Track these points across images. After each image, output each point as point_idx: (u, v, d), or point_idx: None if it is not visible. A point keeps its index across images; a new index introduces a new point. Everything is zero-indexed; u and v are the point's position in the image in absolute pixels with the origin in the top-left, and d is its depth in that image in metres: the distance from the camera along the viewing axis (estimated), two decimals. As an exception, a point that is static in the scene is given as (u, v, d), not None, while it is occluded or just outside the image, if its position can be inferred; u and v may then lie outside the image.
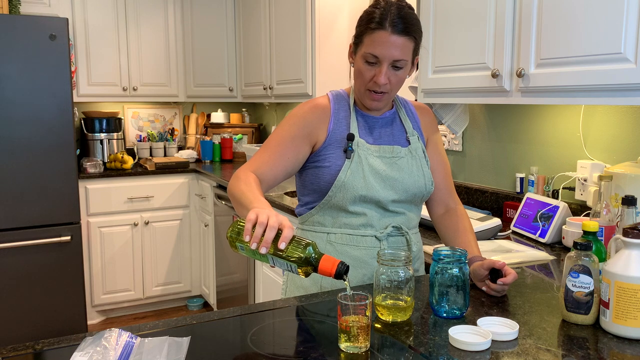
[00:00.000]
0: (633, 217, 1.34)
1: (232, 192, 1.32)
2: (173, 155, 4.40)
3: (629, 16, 1.43)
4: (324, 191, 1.41)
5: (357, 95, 1.44)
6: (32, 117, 3.12)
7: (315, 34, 3.07)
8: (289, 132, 1.42)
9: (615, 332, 1.10)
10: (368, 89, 1.38)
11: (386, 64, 1.33)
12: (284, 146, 1.40)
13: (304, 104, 1.46)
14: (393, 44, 1.30)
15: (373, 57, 1.33)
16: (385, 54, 1.31)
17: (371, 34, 1.32)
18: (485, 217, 2.01)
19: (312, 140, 1.42)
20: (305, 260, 1.06)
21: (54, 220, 3.24)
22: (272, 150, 1.41)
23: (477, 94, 1.97)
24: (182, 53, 4.18)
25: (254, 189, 1.28)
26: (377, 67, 1.34)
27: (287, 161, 1.40)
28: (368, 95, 1.39)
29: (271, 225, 1.05)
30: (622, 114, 1.92)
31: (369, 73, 1.35)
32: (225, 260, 3.48)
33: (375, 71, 1.34)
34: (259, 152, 1.43)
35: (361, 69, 1.36)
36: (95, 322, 3.80)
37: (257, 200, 1.20)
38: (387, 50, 1.31)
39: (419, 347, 1.05)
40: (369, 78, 1.36)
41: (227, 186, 1.38)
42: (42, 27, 3.10)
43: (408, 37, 1.32)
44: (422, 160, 1.47)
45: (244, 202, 1.23)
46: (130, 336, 1.04)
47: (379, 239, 1.41)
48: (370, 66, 1.34)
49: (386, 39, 1.30)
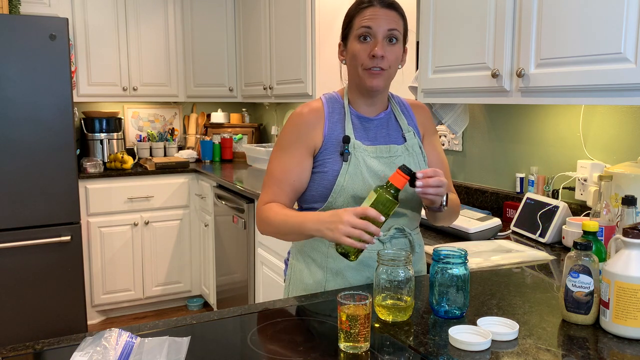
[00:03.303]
0: (633, 217, 1.34)
1: (275, 227, 1.38)
2: (173, 155, 4.40)
3: (629, 16, 1.43)
4: (324, 197, 1.40)
5: (355, 82, 1.43)
6: (32, 117, 3.12)
7: (315, 34, 3.07)
8: (289, 152, 1.42)
9: (615, 332, 1.10)
10: (366, 68, 1.38)
11: (380, 36, 1.36)
12: (288, 170, 1.41)
13: (297, 114, 1.45)
14: (384, 15, 1.36)
15: (366, 29, 1.36)
16: (378, 25, 1.36)
17: (361, 13, 1.37)
18: (485, 217, 2.01)
19: (311, 149, 1.42)
20: (395, 198, 1.23)
21: (54, 220, 3.24)
22: (278, 179, 1.42)
23: (477, 94, 1.97)
24: (182, 53, 4.18)
25: (288, 212, 1.38)
26: (371, 42, 1.36)
27: (295, 182, 1.42)
28: (367, 74, 1.38)
29: (355, 224, 1.18)
30: (622, 114, 1.92)
31: (364, 51, 1.37)
32: (225, 260, 3.48)
33: (370, 46, 1.36)
34: (266, 185, 1.45)
35: (356, 51, 1.38)
36: (95, 322, 3.80)
37: (305, 216, 1.32)
38: (378, 21, 1.36)
39: (419, 347, 1.05)
40: (365, 55, 1.37)
41: (261, 228, 1.44)
42: (42, 27, 3.10)
43: (396, 12, 1.39)
44: (419, 156, 1.47)
45: (297, 227, 1.33)
46: (130, 336, 1.04)
47: (383, 241, 1.41)
48: (365, 44, 1.36)
49: (377, 12, 1.36)
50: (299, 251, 1.50)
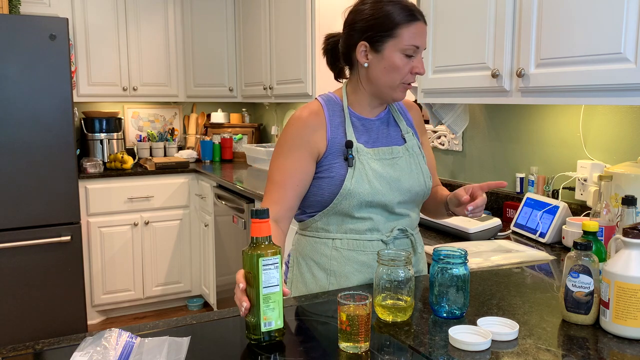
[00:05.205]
0: (633, 217, 1.34)
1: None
2: (173, 155, 4.40)
3: (629, 16, 1.43)
4: (327, 201, 1.39)
5: (382, 91, 1.40)
6: (32, 117, 3.12)
7: (315, 34, 3.07)
8: (290, 157, 1.39)
9: (615, 332, 1.10)
10: (404, 82, 1.39)
11: (420, 53, 1.38)
12: (290, 175, 1.39)
13: (297, 117, 1.42)
14: (425, 33, 1.38)
15: (415, 48, 1.36)
16: (423, 44, 1.38)
17: (410, 26, 1.34)
18: (485, 217, 2.01)
19: (314, 153, 1.40)
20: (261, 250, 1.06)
21: (54, 220, 3.24)
22: (280, 184, 1.39)
23: (477, 94, 1.97)
24: (182, 53, 4.18)
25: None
26: (413, 58, 1.37)
27: (298, 187, 1.39)
28: (402, 88, 1.40)
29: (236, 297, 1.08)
30: (622, 114, 1.92)
31: (407, 65, 1.37)
32: (225, 260, 3.48)
33: (411, 63, 1.37)
34: (268, 190, 1.41)
35: (398, 64, 1.36)
36: (95, 322, 3.80)
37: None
38: (423, 39, 1.37)
39: (419, 347, 1.05)
40: (407, 71, 1.37)
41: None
42: (42, 27, 3.10)
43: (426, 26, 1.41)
44: (419, 156, 1.47)
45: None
46: (130, 336, 1.04)
47: (386, 242, 1.41)
48: (408, 58, 1.36)
49: (422, 28, 1.37)
50: (300, 254, 1.49)
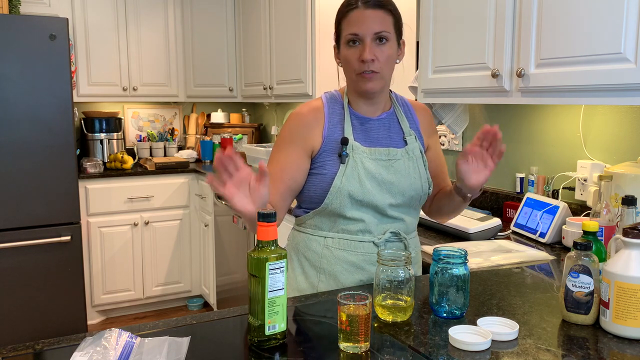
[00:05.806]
0: (633, 217, 1.34)
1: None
2: (173, 155, 4.40)
3: (629, 16, 1.43)
4: (320, 198, 1.39)
5: (352, 86, 1.43)
6: (32, 117, 3.12)
7: (315, 34, 3.06)
8: (285, 152, 1.41)
9: (615, 332, 1.10)
10: (358, 73, 1.37)
11: (368, 39, 1.34)
12: (283, 169, 1.40)
13: (296, 113, 1.44)
14: (369, 18, 1.34)
15: (353, 35, 1.34)
16: (364, 29, 1.33)
17: (347, 16, 1.36)
18: (485, 217, 2.01)
19: (309, 150, 1.41)
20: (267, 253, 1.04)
21: (54, 220, 3.24)
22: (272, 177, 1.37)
23: (477, 94, 1.97)
24: (182, 53, 4.18)
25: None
26: (360, 46, 1.35)
27: (290, 181, 1.40)
28: (360, 79, 1.38)
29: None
30: (622, 114, 1.92)
31: (354, 55, 1.36)
32: (225, 260, 3.48)
33: (359, 50, 1.35)
34: None
35: (347, 55, 1.37)
36: (95, 322, 3.80)
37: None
38: (364, 25, 1.33)
39: (419, 347, 1.05)
40: (355, 59, 1.36)
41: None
42: (42, 27, 3.10)
43: (383, 10, 1.35)
44: (419, 160, 1.46)
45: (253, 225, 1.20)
46: (130, 336, 1.04)
47: (377, 244, 1.41)
48: (354, 48, 1.36)
49: (361, 14, 1.34)
50: (293, 250, 1.49)
